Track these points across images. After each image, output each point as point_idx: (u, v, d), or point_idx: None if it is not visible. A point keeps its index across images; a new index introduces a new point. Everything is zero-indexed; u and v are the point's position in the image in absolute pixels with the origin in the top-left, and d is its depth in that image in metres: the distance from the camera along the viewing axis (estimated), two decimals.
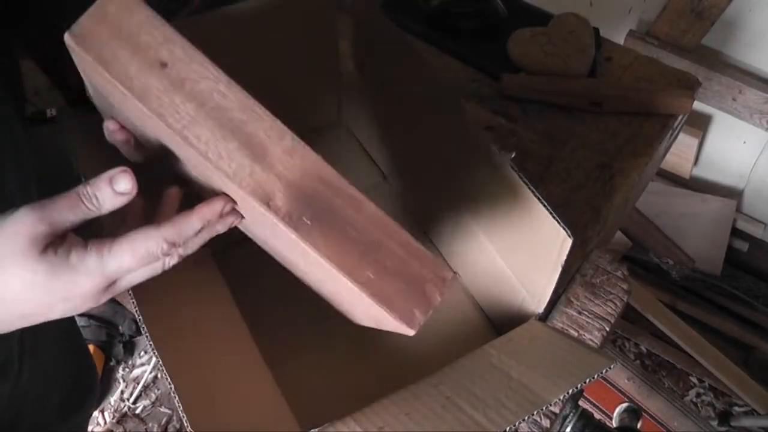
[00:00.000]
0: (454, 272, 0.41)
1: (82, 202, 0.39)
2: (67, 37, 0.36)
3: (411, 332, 0.41)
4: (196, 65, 0.37)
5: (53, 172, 0.60)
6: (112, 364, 1.55)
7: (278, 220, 0.38)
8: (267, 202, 0.38)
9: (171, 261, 0.41)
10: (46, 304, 0.40)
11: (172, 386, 0.45)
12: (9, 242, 0.38)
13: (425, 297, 0.41)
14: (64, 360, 0.78)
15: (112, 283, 0.41)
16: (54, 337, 0.72)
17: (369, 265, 0.40)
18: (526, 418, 0.44)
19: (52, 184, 0.46)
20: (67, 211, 0.39)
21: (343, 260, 0.39)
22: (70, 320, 0.85)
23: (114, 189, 0.39)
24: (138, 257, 0.40)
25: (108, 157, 0.45)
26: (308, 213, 0.39)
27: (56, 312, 0.41)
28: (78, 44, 0.36)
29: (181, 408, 0.44)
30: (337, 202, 0.39)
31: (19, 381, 0.59)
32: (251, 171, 0.38)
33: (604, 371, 0.47)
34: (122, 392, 1.52)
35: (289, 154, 0.38)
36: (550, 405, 0.45)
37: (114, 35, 0.36)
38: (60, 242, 0.39)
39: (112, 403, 1.51)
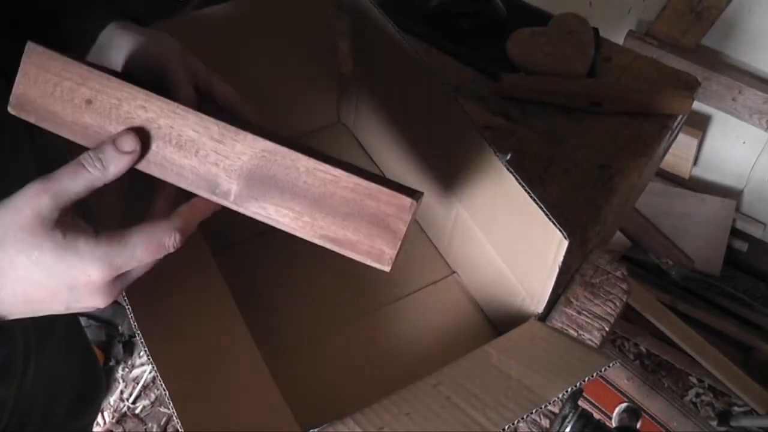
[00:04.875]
0: (418, 197, 0.42)
1: (86, 167, 0.39)
2: (9, 109, 0.41)
3: (386, 269, 0.42)
4: (113, 90, 0.41)
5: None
6: (111, 364, 1.55)
7: (228, 204, 0.42)
8: (213, 191, 0.42)
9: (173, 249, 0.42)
10: (51, 289, 0.39)
11: (167, 392, 0.45)
12: (13, 216, 0.38)
13: (390, 231, 0.41)
14: (71, 362, 0.78)
15: (120, 276, 0.40)
16: (60, 337, 0.72)
17: (324, 218, 0.41)
18: (525, 417, 0.44)
19: None
20: (70, 179, 0.39)
21: (297, 223, 0.42)
22: (75, 320, 0.85)
23: (118, 148, 0.40)
24: (151, 249, 0.40)
25: None
26: (254, 190, 0.41)
27: (61, 302, 0.40)
28: (20, 113, 0.41)
29: (175, 412, 0.44)
30: (276, 170, 0.41)
31: (24, 383, 0.59)
32: (191, 168, 0.41)
33: (603, 369, 0.48)
34: (122, 392, 1.52)
35: (219, 141, 0.41)
36: (549, 404, 0.45)
37: (42, 94, 0.41)
38: (69, 226, 0.39)
39: (112, 403, 1.51)
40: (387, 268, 0.42)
